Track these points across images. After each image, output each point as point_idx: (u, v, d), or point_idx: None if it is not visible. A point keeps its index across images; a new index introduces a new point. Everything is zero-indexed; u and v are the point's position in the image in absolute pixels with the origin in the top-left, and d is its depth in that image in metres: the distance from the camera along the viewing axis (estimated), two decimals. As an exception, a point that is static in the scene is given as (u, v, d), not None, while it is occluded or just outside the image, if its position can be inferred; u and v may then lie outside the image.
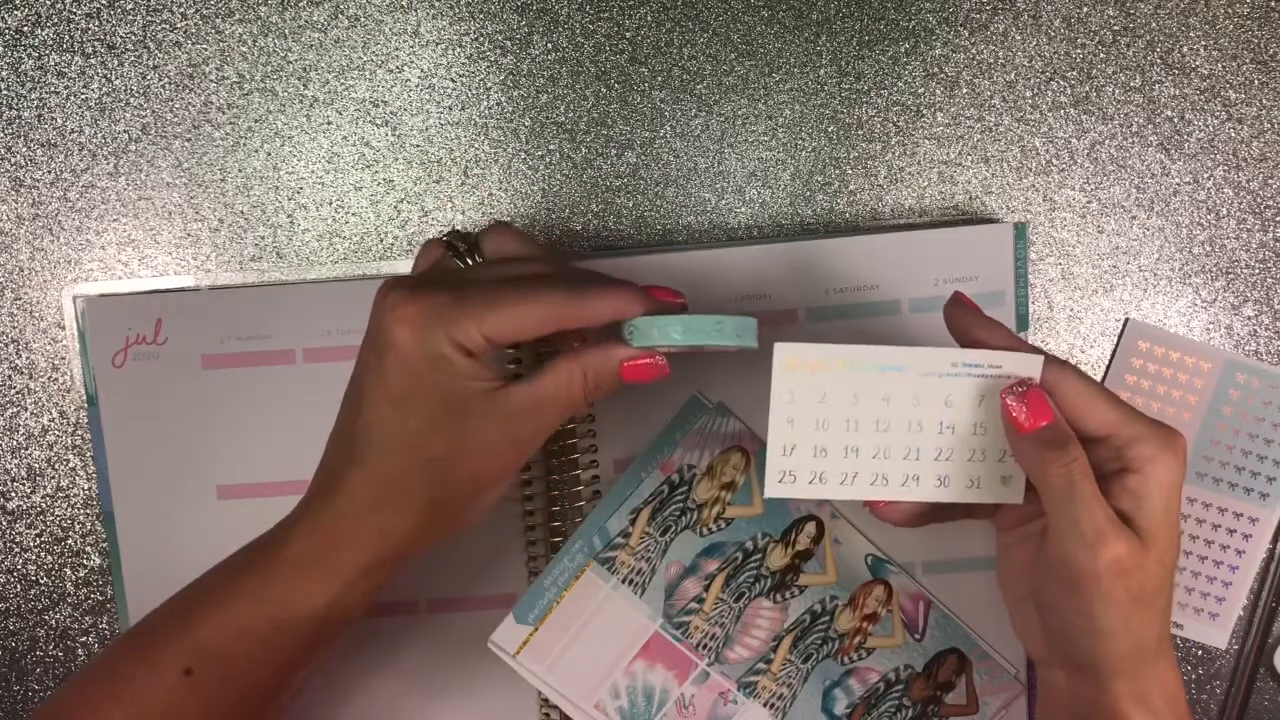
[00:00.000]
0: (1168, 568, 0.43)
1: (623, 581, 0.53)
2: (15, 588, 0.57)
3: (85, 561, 0.57)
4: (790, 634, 0.53)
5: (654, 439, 0.53)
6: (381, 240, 0.57)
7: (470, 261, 0.47)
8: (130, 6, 0.56)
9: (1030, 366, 0.44)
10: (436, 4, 0.56)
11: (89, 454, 0.57)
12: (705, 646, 0.53)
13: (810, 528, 0.53)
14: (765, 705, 0.53)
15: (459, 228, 0.55)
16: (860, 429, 0.45)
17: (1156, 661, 0.44)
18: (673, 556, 0.53)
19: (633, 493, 0.53)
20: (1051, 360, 0.44)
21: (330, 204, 0.57)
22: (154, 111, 0.57)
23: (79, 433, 0.57)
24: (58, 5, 0.56)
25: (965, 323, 0.46)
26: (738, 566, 0.53)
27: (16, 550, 0.57)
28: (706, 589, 0.53)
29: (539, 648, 0.52)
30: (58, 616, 0.58)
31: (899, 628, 0.53)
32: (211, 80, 0.56)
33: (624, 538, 0.52)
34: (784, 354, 0.44)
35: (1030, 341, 0.56)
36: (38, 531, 0.57)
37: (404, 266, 0.57)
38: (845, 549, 0.53)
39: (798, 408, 0.45)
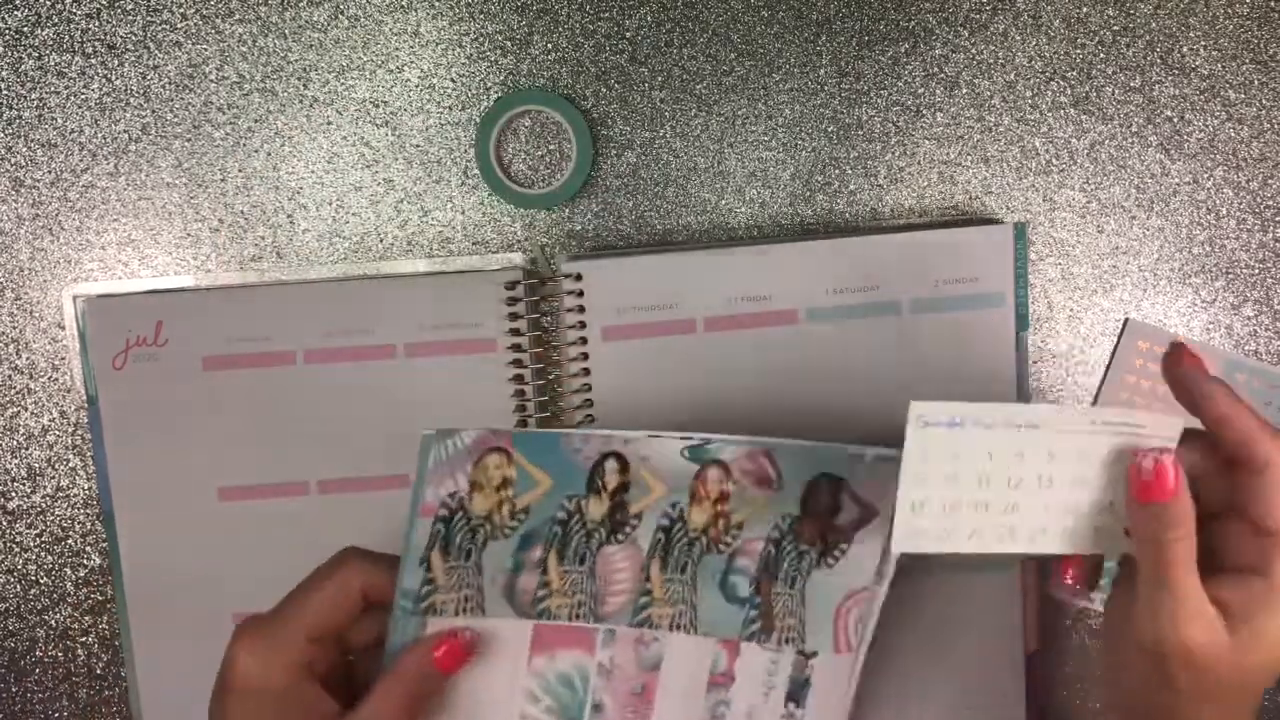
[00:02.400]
0: (1255, 672, 0.41)
1: (456, 614, 0.48)
2: (15, 588, 0.57)
3: (85, 561, 0.57)
4: (654, 558, 0.49)
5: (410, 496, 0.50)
6: (381, 240, 0.57)
7: None
8: (130, 6, 0.56)
9: (1171, 430, 0.42)
10: (436, 4, 0.56)
11: (89, 454, 0.57)
12: (581, 616, 0.49)
13: (611, 464, 0.49)
14: (674, 629, 0.49)
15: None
16: (991, 485, 0.45)
17: None
18: (492, 570, 0.49)
19: (411, 547, 0.48)
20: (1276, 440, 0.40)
21: (330, 204, 0.57)
22: (154, 111, 0.57)
23: (79, 433, 0.57)
24: (58, 5, 0.56)
25: (1198, 392, 0.42)
26: (562, 538, 0.49)
27: (16, 550, 0.57)
28: (545, 573, 0.49)
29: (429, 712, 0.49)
30: (58, 616, 0.58)
31: (754, 491, 0.50)
32: (211, 80, 0.56)
33: (429, 584, 0.48)
34: (918, 411, 0.43)
35: (1030, 341, 0.57)
36: (38, 531, 0.57)
37: (404, 266, 0.57)
38: (656, 459, 0.49)
39: (930, 465, 0.44)
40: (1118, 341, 0.57)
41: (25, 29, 0.56)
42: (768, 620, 0.49)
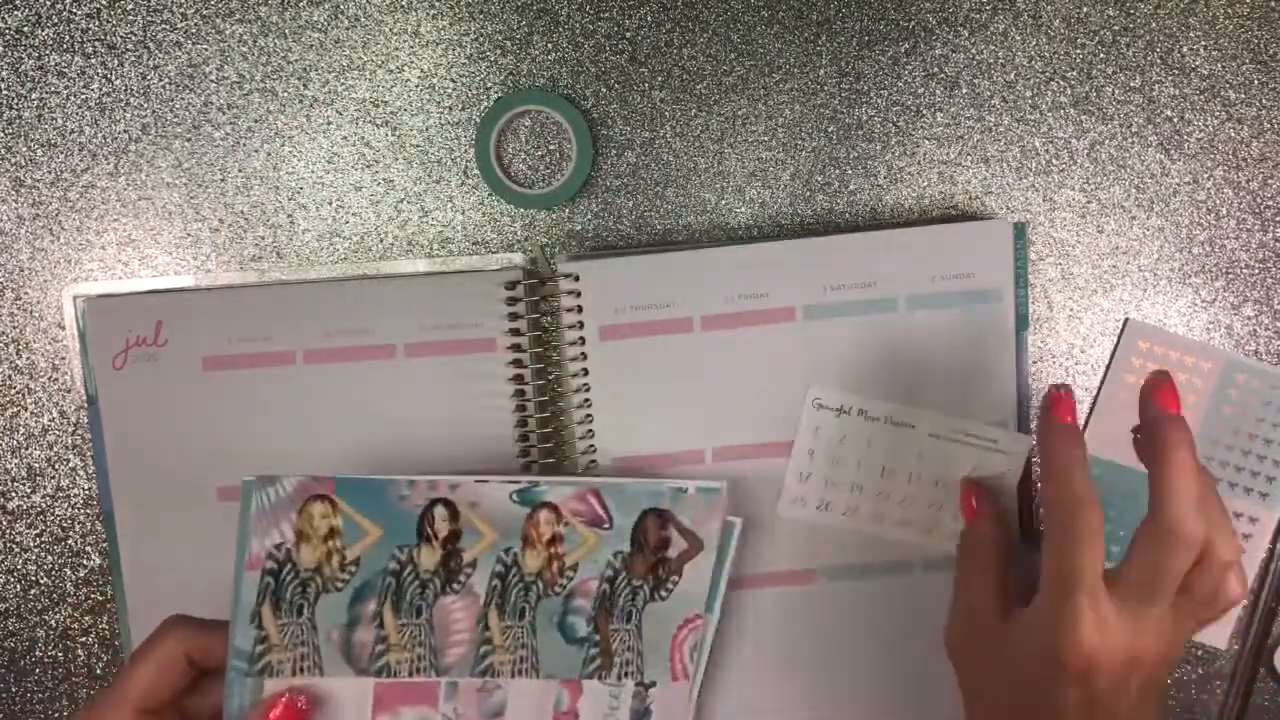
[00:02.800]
0: (1024, 662, 0.45)
1: (293, 674, 0.48)
2: (15, 588, 0.58)
3: (85, 561, 0.57)
4: (491, 607, 0.50)
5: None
6: (381, 240, 0.57)
7: None
8: (130, 6, 0.56)
9: (1020, 446, 0.52)
10: (436, 4, 0.56)
11: (89, 454, 0.57)
12: (421, 670, 0.49)
13: (440, 510, 0.49)
14: (515, 675, 0.50)
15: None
16: (866, 470, 0.54)
17: None
18: (326, 627, 0.49)
19: (240, 603, 0.48)
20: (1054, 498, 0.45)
21: (330, 204, 0.57)
22: (154, 111, 0.57)
23: (79, 433, 0.57)
24: (58, 5, 0.56)
25: (1040, 434, 0.48)
26: (396, 590, 0.49)
27: (16, 550, 0.57)
28: (381, 627, 0.49)
29: None
30: (58, 616, 0.58)
31: (585, 531, 0.50)
32: (211, 80, 0.57)
33: (262, 643, 0.48)
34: (814, 393, 0.53)
35: (1030, 341, 0.57)
36: (38, 531, 0.57)
37: (404, 266, 0.57)
38: (486, 504, 0.49)
39: (820, 442, 0.53)
40: (1118, 341, 0.57)
41: (25, 29, 0.56)
42: (607, 657, 0.50)
